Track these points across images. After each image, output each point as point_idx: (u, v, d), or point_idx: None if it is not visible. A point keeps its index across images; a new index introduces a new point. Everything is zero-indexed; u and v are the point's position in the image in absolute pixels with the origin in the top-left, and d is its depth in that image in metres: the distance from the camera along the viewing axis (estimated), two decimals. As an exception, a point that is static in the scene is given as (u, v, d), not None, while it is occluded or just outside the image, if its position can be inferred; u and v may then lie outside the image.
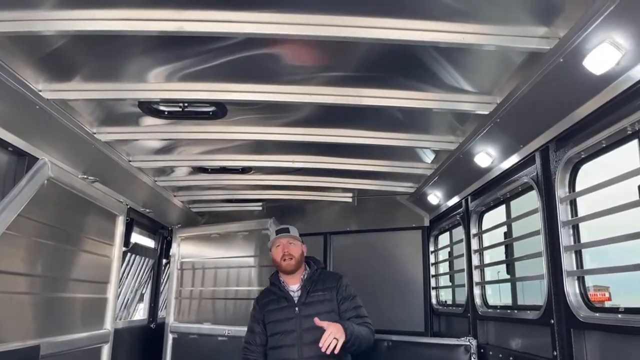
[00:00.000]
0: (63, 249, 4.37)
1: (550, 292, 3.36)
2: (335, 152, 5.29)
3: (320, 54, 3.34)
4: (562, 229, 3.26)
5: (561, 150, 3.30)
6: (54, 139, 4.03)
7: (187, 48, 3.27)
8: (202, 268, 7.02)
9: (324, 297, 3.77)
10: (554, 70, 2.86)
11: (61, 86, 3.69)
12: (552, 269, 3.36)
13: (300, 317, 3.70)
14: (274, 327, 3.79)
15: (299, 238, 3.98)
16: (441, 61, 3.34)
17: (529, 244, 4.21)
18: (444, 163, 5.01)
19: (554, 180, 3.33)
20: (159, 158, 5.41)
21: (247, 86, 3.77)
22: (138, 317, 7.21)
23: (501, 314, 4.45)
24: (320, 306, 3.73)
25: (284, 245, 3.88)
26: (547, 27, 2.81)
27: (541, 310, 3.49)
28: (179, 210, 7.12)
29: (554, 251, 3.35)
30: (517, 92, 3.29)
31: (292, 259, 3.84)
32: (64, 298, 4.41)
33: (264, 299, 3.95)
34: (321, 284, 3.82)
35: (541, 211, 3.55)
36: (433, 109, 3.88)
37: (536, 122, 3.44)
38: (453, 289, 5.97)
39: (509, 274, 4.35)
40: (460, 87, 3.66)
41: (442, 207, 6.02)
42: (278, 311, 3.81)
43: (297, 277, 3.88)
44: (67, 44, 3.21)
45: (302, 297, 3.77)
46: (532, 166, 3.71)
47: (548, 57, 2.84)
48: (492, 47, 2.93)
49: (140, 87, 3.77)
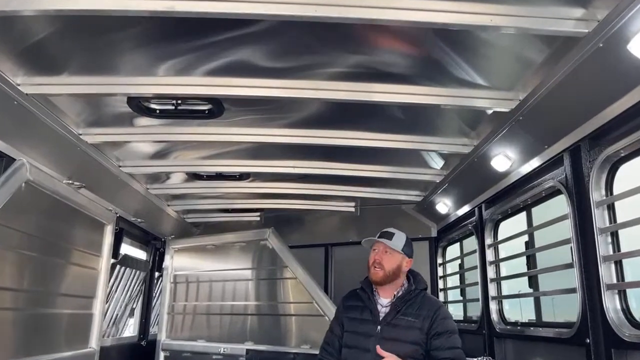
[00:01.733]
0: (44, 260, 4.01)
1: (584, 307, 3.02)
2: (337, 157, 4.98)
3: (329, 43, 3.03)
4: (599, 236, 2.92)
5: (596, 149, 2.98)
6: (35, 139, 3.70)
7: (182, 39, 2.98)
8: (197, 281, 6.68)
9: (413, 324, 3.12)
10: (592, 57, 2.56)
11: (43, 80, 3.37)
12: (586, 282, 3.02)
13: (380, 339, 3.13)
14: (350, 338, 3.30)
15: (402, 250, 3.31)
16: (455, 56, 3.06)
17: (551, 254, 3.89)
18: (456, 168, 4.69)
19: (588, 183, 3.01)
20: (151, 163, 5.07)
21: (247, 80, 3.45)
22: (128, 334, 6.79)
23: (522, 331, 4.09)
24: (405, 333, 3.11)
25: (379, 252, 3.30)
26: (584, 8, 2.51)
27: (574, 328, 3.14)
28: (173, 220, 6.77)
29: (589, 262, 3.01)
30: (544, 85, 2.99)
31: (381, 269, 3.24)
32: (45, 314, 4.05)
33: (349, 302, 3.43)
34: (415, 308, 3.18)
35: (572, 217, 3.22)
36: (447, 105, 3.57)
37: (565, 118, 3.14)
38: (464, 303, 5.62)
39: (532, 288, 3.99)
40: (477, 83, 3.36)
41: (452, 217, 5.69)
42: (358, 322, 3.30)
43: (391, 290, 3.28)
44: (50, 34, 2.92)
45: (389, 316, 3.19)
46: (559, 168, 3.40)
47: (586, 41, 2.54)
48: (523, 31, 2.62)
49: (129, 81, 3.45)
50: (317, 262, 6.88)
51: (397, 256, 3.29)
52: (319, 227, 7.17)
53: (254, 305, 6.12)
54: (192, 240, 7.01)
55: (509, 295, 4.49)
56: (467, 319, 5.59)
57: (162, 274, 6.87)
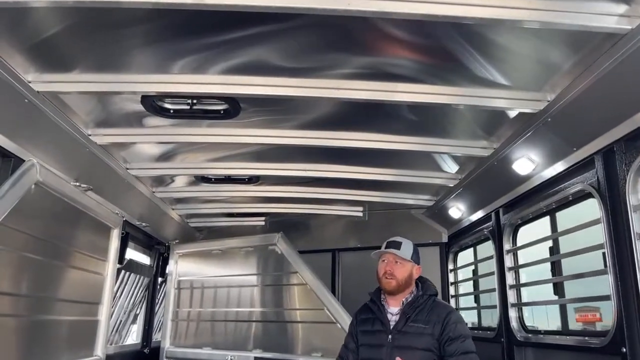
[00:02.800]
0: (50, 264, 3.86)
1: (620, 315, 2.91)
2: (346, 159, 4.87)
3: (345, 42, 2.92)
4: (637, 242, 2.81)
5: (633, 151, 2.88)
6: (43, 139, 3.57)
7: (196, 35, 2.88)
8: (201, 287, 6.52)
9: (424, 330, 3.09)
10: (634, 54, 2.46)
11: (54, 77, 3.24)
12: (622, 288, 2.91)
13: (392, 348, 3.11)
14: (363, 351, 3.29)
15: (411, 258, 3.31)
16: (479, 56, 2.96)
17: (574, 260, 3.79)
18: (472, 172, 4.59)
19: (625, 186, 2.90)
20: (160, 165, 4.95)
21: (264, 79, 3.32)
22: (131, 341, 6.62)
23: (547, 339, 3.97)
24: (417, 340, 3.08)
25: (389, 262, 3.29)
26: (627, 4, 2.42)
27: (608, 336, 3.03)
28: (176, 224, 6.62)
29: (624, 267, 2.91)
30: (578, 85, 2.90)
31: (393, 279, 3.24)
32: (50, 321, 3.90)
33: (362, 315, 3.43)
34: (425, 314, 3.16)
35: (605, 222, 3.12)
36: (468, 105, 3.47)
37: (598, 120, 3.04)
38: (479, 310, 5.49)
39: (557, 294, 3.88)
40: (500, 83, 3.25)
41: (464, 222, 5.58)
42: (370, 334, 3.29)
43: (399, 298, 3.27)
44: (62, 29, 2.80)
45: (400, 324, 3.17)
46: (590, 171, 3.30)
47: (629, 38, 2.44)
48: (564, 27, 2.52)
49: (143, 79, 3.32)
50: (324, 268, 6.74)
51: (407, 265, 3.31)
52: (326, 232, 7.04)
53: (261, 312, 5.97)
54: (197, 245, 6.86)
55: (532, 302, 4.37)
56: (482, 326, 5.47)
57: (166, 279, 6.71)
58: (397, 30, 2.80)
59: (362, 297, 3.65)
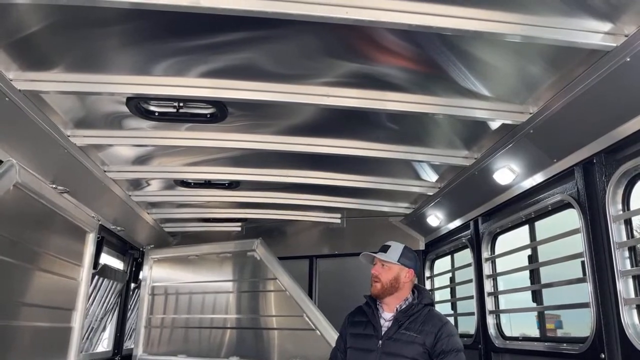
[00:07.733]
0: (24, 268, 3.74)
1: (599, 322, 3.00)
2: (325, 166, 4.87)
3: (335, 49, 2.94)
4: (616, 251, 2.91)
5: (613, 164, 2.99)
6: (22, 139, 3.45)
7: (184, 37, 2.85)
8: (176, 293, 6.40)
9: (415, 339, 3.06)
10: (617, 70, 2.56)
11: (37, 76, 3.15)
12: (600, 297, 3.00)
13: (381, 354, 3.09)
14: (352, 354, 3.28)
15: (399, 261, 3.28)
16: (465, 69, 3.03)
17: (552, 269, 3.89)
18: (452, 181, 4.66)
19: (604, 197, 3.01)
20: (138, 169, 4.84)
21: (253, 84, 3.31)
22: (101, 349, 6.43)
23: (524, 345, 4.06)
24: (406, 349, 3.05)
25: (376, 266, 3.34)
26: (612, 23, 2.52)
27: (587, 343, 3.12)
28: (150, 228, 6.48)
29: (603, 276, 3.00)
30: (561, 98, 2.99)
31: (377, 282, 3.26)
32: (22, 327, 3.75)
33: (354, 317, 3.42)
34: (418, 324, 3.13)
35: (584, 231, 3.21)
36: (451, 116, 3.53)
37: (579, 132, 3.14)
38: (455, 317, 5.57)
39: (535, 302, 3.97)
40: (483, 94, 3.33)
41: (442, 230, 5.66)
42: (361, 338, 3.27)
43: (393, 305, 3.27)
44: (46, 27, 2.73)
45: (391, 330, 3.15)
46: (570, 182, 3.40)
47: (612, 55, 2.53)
48: (550, 42, 2.60)
49: (129, 80, 3.26)
50: (301, 274, 6.71)
51: (394, 268, 3.31)
52: (303, 239, 7.03)
53: (238, 319, 5.90)
54: (173, 250, 6.74)
55: (509, 309, 4.46)
56: (460, 333, 5.54)
57: (139, 285, 6.56)
58: (385, 39, 2.83)
59: (339, 303, 3.67)
